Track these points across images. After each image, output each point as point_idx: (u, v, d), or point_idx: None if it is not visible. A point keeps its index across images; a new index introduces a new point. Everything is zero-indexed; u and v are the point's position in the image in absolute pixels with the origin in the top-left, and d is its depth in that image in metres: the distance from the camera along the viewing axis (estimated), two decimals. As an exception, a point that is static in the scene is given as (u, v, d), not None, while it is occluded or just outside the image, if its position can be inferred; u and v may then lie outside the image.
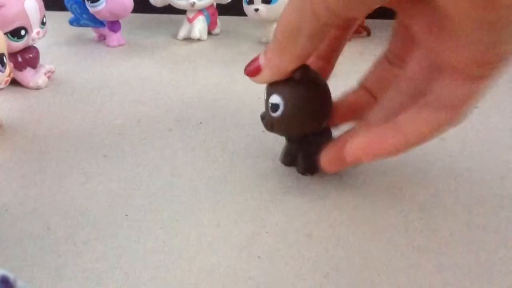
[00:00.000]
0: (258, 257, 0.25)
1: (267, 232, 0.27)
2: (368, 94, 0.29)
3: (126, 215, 0.28)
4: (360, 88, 0.30)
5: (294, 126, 0.29)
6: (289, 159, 0.32)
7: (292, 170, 0.32)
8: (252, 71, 0.27)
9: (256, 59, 0.27)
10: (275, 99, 0.27)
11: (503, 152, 0.34)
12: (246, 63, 0.27)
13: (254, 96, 0.43)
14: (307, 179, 0.31)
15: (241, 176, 0.32)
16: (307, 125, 0.29)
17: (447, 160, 0.33)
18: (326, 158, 0.28)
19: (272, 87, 0.28)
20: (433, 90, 0.24)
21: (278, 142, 0.35)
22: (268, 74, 0.26)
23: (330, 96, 0.29)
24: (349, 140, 0.25)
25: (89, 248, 0.26)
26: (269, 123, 0.29)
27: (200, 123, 0.39)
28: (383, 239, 0.26)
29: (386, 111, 0.27)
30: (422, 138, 0.24)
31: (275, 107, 0.28)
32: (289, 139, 0.32)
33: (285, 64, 0.25)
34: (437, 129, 0.24)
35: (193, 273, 0.24)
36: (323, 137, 0.30)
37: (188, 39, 0.62)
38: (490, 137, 0.36)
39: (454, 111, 0.23)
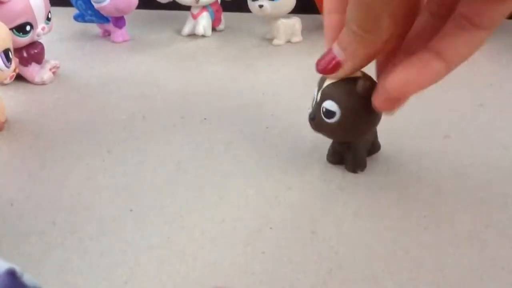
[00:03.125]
0: (262, 252, 0.25)
1: (271, 228, 0.27)
2: None
3: (131, 210, 0.28)
4: None
5: (347, 134, 0.28)
6: (337, 158, 0.32)
7: (295, 167, 0.32)
8: (332, 67, 0.26)
9: (328, 55, 0.26)
10: (331, 105, 0.27)
11: (507, 150, 0.34)
12: (251, 59, 0.27)
13: (258, 92, 0.43)
14: (311, 176, 0.31)
15: (246, 172, 0.32)
16: (360, 132, 0.29)
17: (451, 158, 0.33)
18: (376, 99, 0.27)
19: (328, 92, 0.27)
20: (462, 11, 0.23)
21: (282, 139, 0.35)
22: (350, 67, 0.26)
23: None
24: (390, 74, 0.25)
25: (94, 243, 0.26)
26: (319, 126, 0.28)
27: (205, 119, 0.39)
28: (387, 236, 0.26)
29: (420, 35, 0.26)
30: (463, 61, 0.24)
31: (330, 114, 0.27)
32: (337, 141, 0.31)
33: (372, 53, 0.25)
34: (477, 49, 0.24)
35: (197, 268, 0.24)
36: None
37: (193, 35, 0.62)
38: (494, 135, 0.36)
39: (490, 30, 0.23)
